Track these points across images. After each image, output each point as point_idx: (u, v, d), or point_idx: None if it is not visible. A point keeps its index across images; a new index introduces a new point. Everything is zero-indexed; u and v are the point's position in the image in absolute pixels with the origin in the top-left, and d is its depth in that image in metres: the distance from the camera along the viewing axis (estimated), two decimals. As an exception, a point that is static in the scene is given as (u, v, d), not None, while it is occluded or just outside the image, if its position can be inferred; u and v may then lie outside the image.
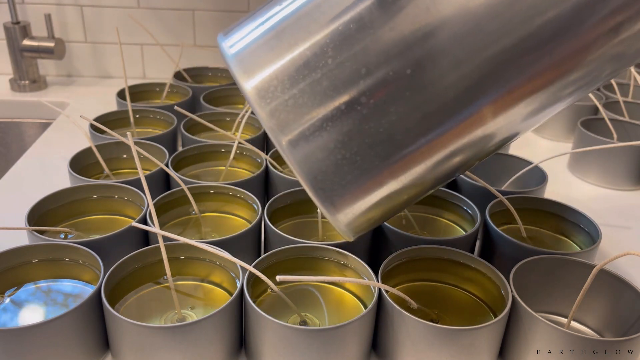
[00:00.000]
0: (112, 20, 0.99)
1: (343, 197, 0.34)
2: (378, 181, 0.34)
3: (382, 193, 0.35)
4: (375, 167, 0.33)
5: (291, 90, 0.32)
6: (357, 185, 0.34)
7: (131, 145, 0.47)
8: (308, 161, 0.33)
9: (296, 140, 0.33)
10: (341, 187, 0.34)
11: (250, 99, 0.33)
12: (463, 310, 0.45)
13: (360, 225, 0.37)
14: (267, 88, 0.32)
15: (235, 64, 0.34)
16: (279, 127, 0.32)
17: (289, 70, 0.32)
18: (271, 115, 0.32)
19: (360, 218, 0.36)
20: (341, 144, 0.32)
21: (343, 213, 0.35)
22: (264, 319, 0.38)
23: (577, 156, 0.76)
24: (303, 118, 0.32)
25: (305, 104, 0.32)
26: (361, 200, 0.35)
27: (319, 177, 0.33)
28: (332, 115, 0.32)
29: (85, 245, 0.44)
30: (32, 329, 0.37)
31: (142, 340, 0.38)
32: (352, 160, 0.33)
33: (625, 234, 0.63)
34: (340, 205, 0.35)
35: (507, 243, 0.49)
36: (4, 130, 0.94)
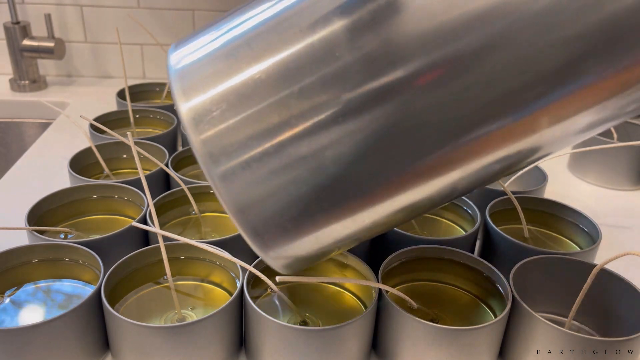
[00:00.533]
0: (112, 20, 0.99)
1: (277, 240, 0.31)
2: (321, 227, 0.31)
3: (324, 239, 0.32)
4: (318, 212, 0.30)
5: (232, 119, 0.29)
6: (296, 229, 0.31)
7: (131, 146, 0.47)
8: (241, 198, 0.30)
9: (229, 175, 0.29)
10: (277, 230, 0.31)
11: (184, 122, 0.30)
12: (463, 310, 0.45)
13: (297, 266, 0.35)
14: (205, 113, 0.29)
15: (177, 80, 0.31)
16: (212, 158, 0.29)
17: (234, 97, 0.29)
18: (204, 143, 0.29)
19: (298, 261, 0.34)
20: (282, 187, 0.29)
21: (277, 256, 0.33)
22: (264, 319, 0.38)
23: (577, 156, 0.76)
24: (242, 152, 0.29)
25: (248, 141, 0.29)
26: (299, 244, 0.32)
27: (252, 217, 0.30)
28: (274, 152, 0.29)
29: (85, 245, 0.44)
30: (32, 329, 0.37)
31: (142, 341, 0.38)
32: (292, 202, 0.30)
33: (625, 234, 0.63)
34: (274, 247, 0.32)
35: (507, 243, 0.49)
36: (4, 130, 0.94)
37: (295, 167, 0.29)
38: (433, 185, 0.31)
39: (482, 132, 0.28)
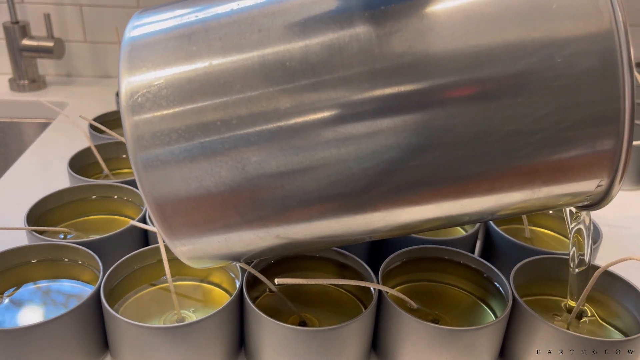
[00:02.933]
0: (112, 20, 0.99)
1: (185, 230, 0.31)
2: (233, 230, 0.31)
3: (235, 244, 0.32)
4: (233, 215, 0.30)
5: (171, 108, 0.28)
6: (208, 228, 0.30)
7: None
8: (161, 189, 0.29)
9: (154, 163, 0.28)
10: (190, 224, 0.30)
11: (121, 96, 0.29)
12: (463, 310, 0.45)
13: (203, 262, 0.34)
14: (145, 93, 0.28)
15: (126, 51, 0.29)
16: (140, 142, 0.28)
17: (180, 83, 0.28)
18: (137, 125, 0.28)
19: (204, 257, 0.33)
20: (204, 185, 0.29)
21: (183, 246, 0.32)
22: (264, 319, 0.38)
23: (577, 156, 0.76)
24: (172, 142, 0.28)
25: (180, 130, 0.28)
26: (209, 242, 0.31)
27: (167, 206, 0.29)
28: (205, 148, 0.28)
29: (85, 246, 0.44)
30: (31, 329, 0.37)
31: (141, 341, 0.38)
32: (210, 201, 0.29)
33: (625, 234, 0.62)
34: (182, 237, 0.31)
35: (507, 243, 0.49)
36: (3, 130, 0.94)
37: (223, 167, 0.28)
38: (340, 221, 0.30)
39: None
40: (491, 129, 0.27)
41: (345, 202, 0.29)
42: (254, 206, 0.29)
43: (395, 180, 0.28)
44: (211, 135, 0.28)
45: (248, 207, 0.29)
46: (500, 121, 0.27)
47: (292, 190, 0.29)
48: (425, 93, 0.27)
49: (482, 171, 0.28)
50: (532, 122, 0.27)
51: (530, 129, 0.27)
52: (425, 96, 0.27)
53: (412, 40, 0.27)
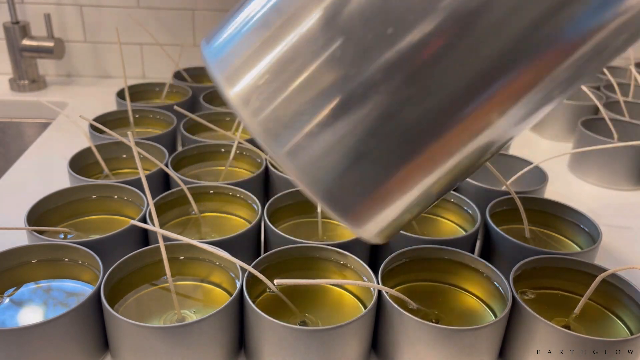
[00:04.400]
0: (112, 20, 0.99)
1: (365, 206, 0.29)
2: (402, 181, 0.29)
3: (409, 194, 0.30)
4: (397, 166, 0.28)
5: (281, 91, 0.27)
6: (380, 190, 0.29)
7: (132, 146, 0.47)
8: (316, 173, 0.28)
9: (296, 150, 0.28)
10: (362, 196, 0.29)
11: (235, 109, 0.28)
12: (463, 310, 0.45)
13: (390, 231, 0.32)
14: (252, 93, 0.28)
15: (217, 70, 0.29)
16: (271, 136, 0.28)
17: (281, 69, 0.27)
18: (259, 123, 0.28)
19: (390, 224, 0.31)
20: (353, 150, 0.27)
21: (369, 223, 0.30)
22: (264, 319, 0.38)
23: (577, 156, 0.76)
24: (304, 123, 0.27)
25: (306, 107, 0.27)
26: (386, 205, 0.30)
27: (334, 189, 0.28)
28: (327, 117, 0.27)
29: (85, 246, 0.44)
30: (32, 329, 0.37)
31: (141, 341, 0.38)
32: (368, 163, 0.28)
33: (625, 234, 0.62)
34: (363, 215, 0.30)
35: (507, 243, 0.49)
36: (4, 130, 0.94)
37: (361, 122, 0.27)
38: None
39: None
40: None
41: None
42: (411, 142, 0.28)
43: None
44: (334, 95, 0.27)
45: (407, 146, 0.28)
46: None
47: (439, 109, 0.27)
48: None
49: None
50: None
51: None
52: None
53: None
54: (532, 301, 0.45)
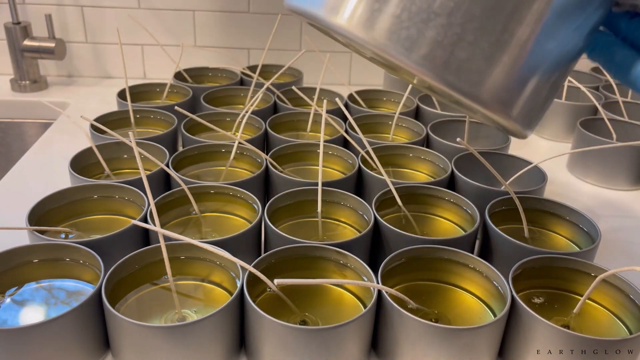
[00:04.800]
0: (113, 21, 1.00)
1: (505, 87, 0.29)
2: (529, 50, 0.29)
3: (537, 63, 0.30)
4: (519, 36, 0.28)
5: (396, 1, 0.27)
6: (513, 65, 0.29)
7: (133, 146, 0.47)
8: (459, 71, 0.28)
9: (425, 52, 0.27)
10: (500, 78, 0.29)
11: (352, 33, 0.28)
12: (462, 309, 0.45)
13: (532, 113, 0.32)
14: (365, 12, 0.28)
15: (321, 9, 0.29)
16: (404, 49, 0.27)
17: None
18: (386, 37, 0.27)
19: (529, 103, 0.31)
20: (478, 30, 0.27)
21: (514, 107, 0.30)
22: (264, 318, 0.38)
23: (576, 156, 0.76)
24: (423, 22, 0.27)
25: (420, 7, 0.27)
26: (523, 79, 0.30)
27: (471, 80, 0.28)
28: (455, 3, 0.27)
29: (86, 245, 0.44)
30: (33, 328, 0.37)
31: (142, 340, 0.38)
32: (498, 41, 0.28)
33: (624, 234, 0.63)
34: (507, 99, 0.29)
35: (506, 243, 0.49)
36: (5, 130, 0.94)
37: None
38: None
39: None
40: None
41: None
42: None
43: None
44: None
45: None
46: None
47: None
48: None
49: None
50: None
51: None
52: None
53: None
54: (531, 301, 0.46)
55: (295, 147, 0.66)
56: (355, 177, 0.61)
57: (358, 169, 0.61)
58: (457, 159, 0.64)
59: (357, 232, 0.53)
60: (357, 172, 0.61)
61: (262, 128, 0.71)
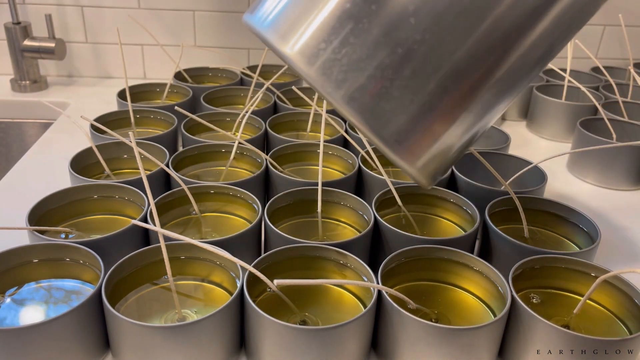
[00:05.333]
0: (113, 21, 1.00)
1: (420, 143, 0.32)
2: (452, 117, 0.32)
3: (456, 129, 0.33)
4: (445, 103, 0.31)
5: (338, 46, 0.30)
6: (429, 125, 0.32)
7: (133, 146, 0.47)
8: (373, 113, 0.31)
9: (356, 96, 0.30)
10: (416, 133, 0.32)
11: (295, 64, 0.31)
12: (463, 310, 0.45)
13: (441, 169, 0.35)
14: (311, 49, 0.30)
15: (271, 34, 0.32)
16: (334, 85, 0.30)
17: (331, 25, 0.30)
18: (323, 75, 0.30)
19: (436, 159, 0.34)
20: (405, 88, 0.30)
21: (421, 159, 0.33)
22: (264, 318, 0.38)
23: (576, 156, 0.76)
24: (358, 71, 0.30)
25: (359, 56, 0.30)
26: (435, 138, 0.33)
27: (390, 127, 0.31)
28: (389, 61, 0.30)
29: (86, 245, 0.44)
30: (33, 328, 0.37)
31: (142, 340, 0.38)
32: (420, 102, 0.31)
33: (624, 234, 0.63)
34: (418, 151, 0.32)
35: (506, 243, 0.49)
36: (5, 130, 0.94)
37: (416, 69, 0.30)
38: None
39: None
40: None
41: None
42: (464, 83, 0.31)
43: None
44: (393, 42, 0.30)
45: (461, 87, 0.31)
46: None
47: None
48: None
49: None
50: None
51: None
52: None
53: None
54: (531, 301, 0.46)
55: (295, 147, 0.66)
56: (355, 177, 0.61)
57: (358, 169, 0.61)
58: (457, 159, 0.64)
59: (357, 232, 0.53)
60: (357, 172, 0.61)
61: (262, 128, 0.71)
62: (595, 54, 1.08)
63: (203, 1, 0.99)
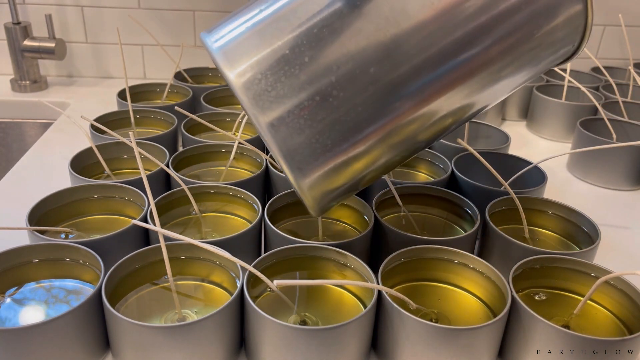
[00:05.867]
0: (113, 21, 1.00)
1: (315, 174, 0.38)
2: (345, 161, 0.38)
3: (348, 172, 0.39)
4: (343, 149, 0.37)
5: (271, 81, 0.36)
6: (327, 164, 0.38)
7: (133, 146, 0.47)
8: (285, 142, 0.36)
9: (275, 124, 0.36)
10: (313, 166, 0.37)
11: (234, 87, 0.36)
12: (463, 310, 0.45)
13: (329, 200, 0.41)
14: (250, 78, 0.36)
15: (221, 57, 0.37)
16: (260, 111, 0.36)
17: (270, 63, 0.36)
18: (254, 101, 0.36)
19: (328, 193, 0.40)
20: (314, 129, 0.36)
21: (314, 188, 0.39)
22: (264, 318, 0.38)
23: (576, 156, 0.76)
24: (282, 105, 0.36)
25: (285, 94, 0.36)
26: (330, 177, 0.38)
27: (295, 156, 0.37)
28: (307, 104, 0.36)
29: (86, 245, 0.44)
30: (33, 328, 0.37)
31: (142, 340, 0.38)
32: (323, 143, 0.37)
33: (624, 234, 0.63)
34: (312, 181, 0.38)
35: (506, 243, 0.49)
36: (5, 130, 0.94)
37: (326, 116, 0.36)
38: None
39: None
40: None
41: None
42: (360, 139, 0.38)
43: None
44: (313, 90, 0.36)
45: (357, 141, 0.38)
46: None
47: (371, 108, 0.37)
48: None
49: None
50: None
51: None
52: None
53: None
54: (531, 301, 0.46)
55: (295, 147, 0.66)
56: (355, 177, 0.61)
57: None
58: (457, 159, 0.64)
59: (357, 232, 0.53)
60: (357, 172, 0.61)
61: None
62: (595, 54, 1.08)
63: (203, 1, 0.99)
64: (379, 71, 0.36)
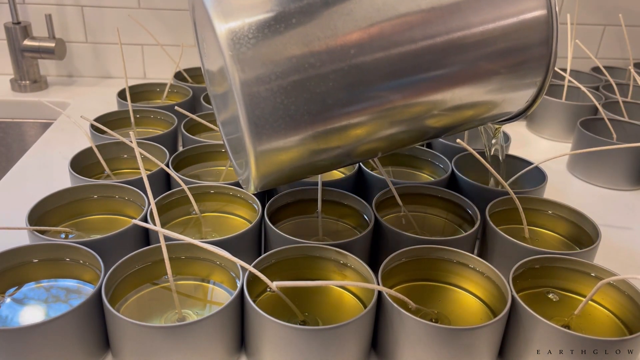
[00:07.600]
0: (113, 21, 1.00)
1: (269, 137, 0.38)
2: (301, 135, 0.38)
3: (300, 147, 0.39)
4: (302, 121, 0.38)
5: (254, 31, 0.36)
6: (283, 131, 0.38)
7: (133, 146, 0.47)
8: (253, 98, 0.36)
9: (250, 81, 0.36)
10: (271, 129, 0.37)
11: (221, 39, 0.36)
12: (463, 310, 0.45)
13: (274, 177, 0.41)
14: (239, 33, 0.36)
15: (214, 5, 0.37)
16: (240, 67, 0.36)
17: (260, 21, 0.36)
18: (237, 55, 0.36)
19: (277, 168, 0.40)
20: (284, 92, 0.36)
21: (263, 152, 0.38)
22: (264, 318, 0.38)
23: (576, 156, 0.76)
24: (262, 64, 0.36)
25: (266, 51, 0.36)
26: (282, 145, 0.38)
27: (257, 113, 0.37)
28: (284, 65, 0.36)
29: (86, 245, 0.44)
30: (33, 328, 0.37)
31: (142, 340, 0.38)
32: (286, 107, 0.37)
33: (624, 234, 0.63)
34: (265, 143, 0.38)
35: (506, 243, 0.49)
36: (5, 130, 0.94)
37: (299, 83, 0.36)
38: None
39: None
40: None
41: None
42: (321, 118, 0.38)
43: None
44: (295, 55, 0.36)
45: (317, 118, 0.38)
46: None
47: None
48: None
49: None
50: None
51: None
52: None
53: None
54: (531, 301, 0.46)
55: (295, 147, 0.66)
56: (355, 177, 0.61)
57: (358, 169, 0.61)
58: (457, 159, 0.64)
59: (357, 232, 0.53)
60: (357, 172, 0.61)
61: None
62: (596, 54, 1.08)
63: (203, 1, 0.98)
64: (358, 54, 0.37)
